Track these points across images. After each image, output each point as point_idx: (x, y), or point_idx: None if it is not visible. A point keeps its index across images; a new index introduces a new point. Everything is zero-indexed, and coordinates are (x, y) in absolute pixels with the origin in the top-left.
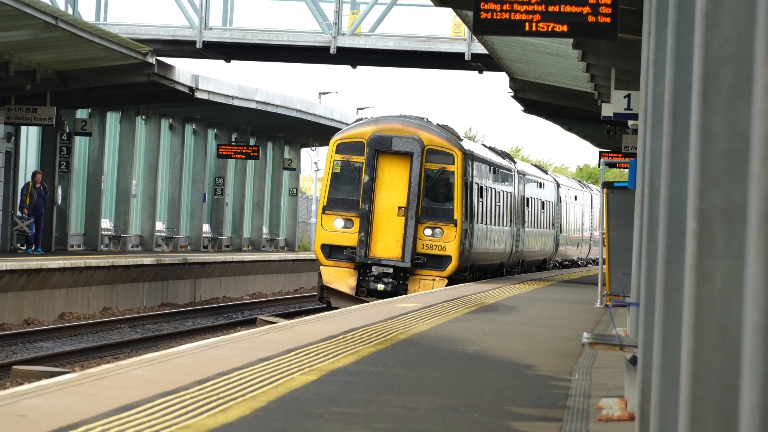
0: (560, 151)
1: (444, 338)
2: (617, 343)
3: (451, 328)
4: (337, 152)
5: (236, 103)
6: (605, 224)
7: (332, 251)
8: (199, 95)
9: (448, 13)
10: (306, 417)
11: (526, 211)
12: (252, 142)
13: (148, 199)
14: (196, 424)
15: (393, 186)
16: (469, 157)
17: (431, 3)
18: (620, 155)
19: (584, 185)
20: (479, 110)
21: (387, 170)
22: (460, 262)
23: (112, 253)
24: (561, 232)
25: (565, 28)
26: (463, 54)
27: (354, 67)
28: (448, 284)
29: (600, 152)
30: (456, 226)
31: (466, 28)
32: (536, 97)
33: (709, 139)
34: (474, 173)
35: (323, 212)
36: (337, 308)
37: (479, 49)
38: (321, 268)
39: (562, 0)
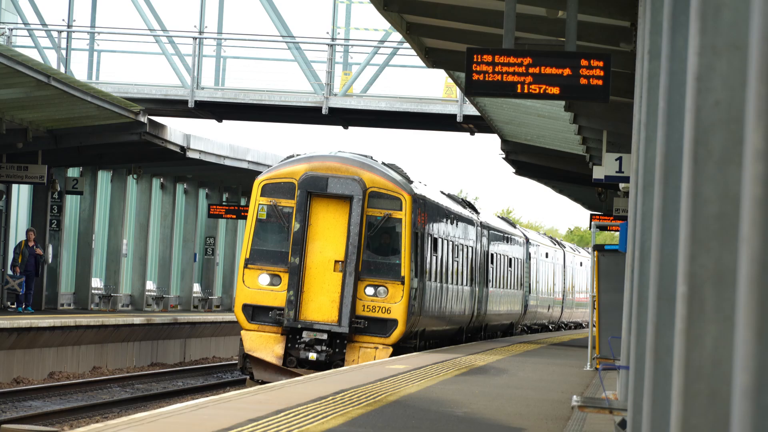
0: (551, 214)
1: (433, 400)
2: (607, 406)
3: (441, 390)
4: (262, 194)
5: (228, 162)
6: (596, 287)
7: (256, 313)
8: (190, 155)
9: (440, 74)
10: None
11: (490, 269)
12: (243, 202)
13: (138, 259)
14: None
15: (329, 235)
16: (420, 202)
17: (423, 64)
18: (611, 218)
19: (556, 242)
20: (471, 172)
21: (322, 217)
22: (408, 327)
23: (102, 313)
24: (530, 292)
25: (556, 90)
26: (455, 115)
27: (346, 127)
28: (393, 353)
29: (591, 215)
30: (403, 284)
31: (458, 89)
32: (528, 159)
33: (700, 203)
34: (426, 222)
35: (245, 266)
36: (261, 381)
37: (471, 110)
38: (242, 333)
39: (554, 62)
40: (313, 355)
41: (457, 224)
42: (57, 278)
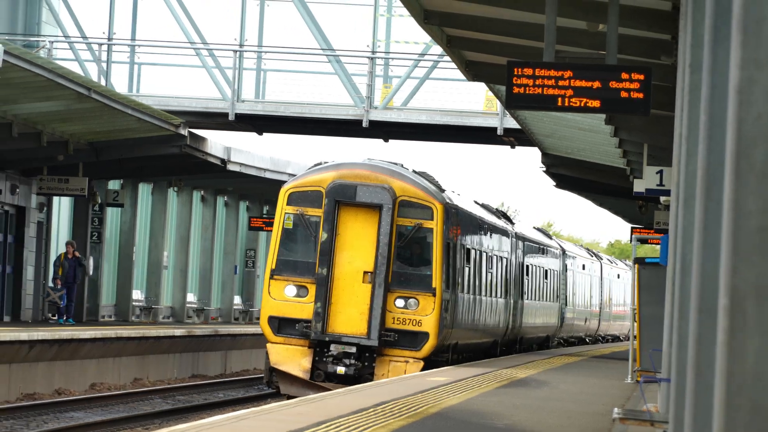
0: (592, 227)
1: (474, 412)
2: (648, 418)
3: (482, 402)
4: (288, 203)
5: (268, 175)
6: (636, 300)
7: (282, 325)
8: (231, 167)
9: (481, 87)
10: None
11: (525, 280)
12: None
13: (179, 271)
14: None
15: (357, 246)
16: (452, 212)
17: (464, 78)
18: (652, 231)
19: (593, 254)
20: (512, 185)
21: (350, 226)
22: (440, 340)
23: (143, 324)
24: (567, 304)
25: (597, 103)
26: (495, 129)
27: (386, 140)
28: (424, 367)
29: (632, 228)
30: (435, 295)
31: (498, 102)
32: (568, 173)
33: (742, 216)
34: (459, 232)
35: (271, 277)
36: (288, 395)
37: (512, 123)
38: (268, 346)
39: (595, 75)
40: (341, 369)
41: (491, 235)
42: (98, 290)
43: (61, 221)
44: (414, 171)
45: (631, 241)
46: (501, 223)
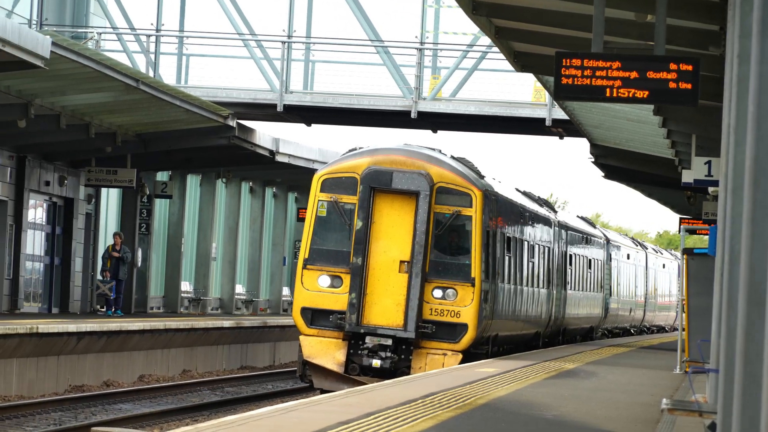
0: (640, 217)
1: (523, 403)
2: (696, 409)
3: (531, 393)
4: (322, 190)
5: (316, 167)
6: (684, 290)
7: (315, 316)
8: (279, 159)
9: (529, 78)
10: None
11: (568, 270)
12: None
13: (228, 262)
14: None
15: (393, 234)
16: (491, 199)
17: (512, 68)
18: (700, 222)
19: (638, 243)
20: (560, 176)
21: (386, 214)
22: (479, 332)
23: (191, 316)
24: (611, 295)
25: (646, 94)
26: (543, 119)
27: (435, 131)
28: (463, 360)
29: (680, 218)
30: (474, 285)
31: (546, 93)
32: (617, 163)
33: None
34: (499, 220)
35: (304, 267)
36: (321, 390)
37: (560, 114)
38: (301, 338)
39: (644, 66)
40: (377, 362)
41: (532, 223)
42: (146, 282)
43: (109, 213)
44: (452, 157)
45: (679, 231)
46: (543, 211)
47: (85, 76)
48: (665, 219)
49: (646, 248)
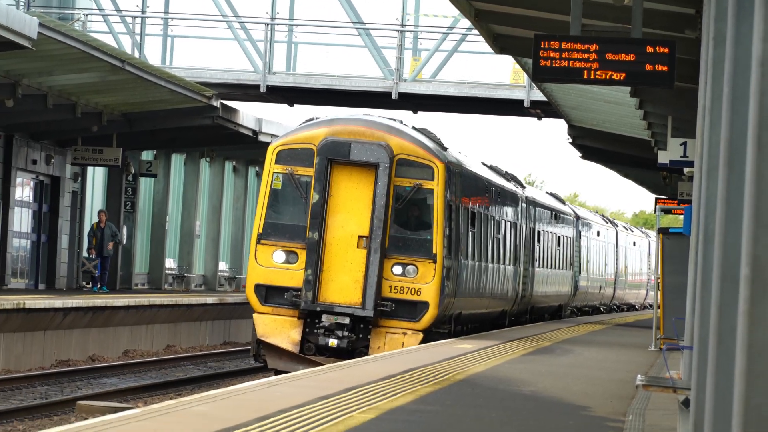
0: (617, 198)
1: (500, 379)
2: (671, 385)
3: (508, 369)
4: (277, 162)
5: None
6: (660, 269)
7: (269, 294)
8: (262, 138)
9: (508, 60)
10: None
11: (536, 247)
12: None
13: (211, 240)
14: None
15: (351, 208)
16: (455, 172)
17: (491, 51)
18: (676, 202)
19: (608, 220)
20: (538, 156)
21: (344, 187)
22: (441, 310)
23: (175, 292)
24: (580, 272)
25: (622, 76)
26: (522, 101)
27: (415, 112)
28: (424, 340)
29: (656, 198)
30: (435, 262)
31: (525, 75)
32: (594, 144)
33: (764, 187)
34: (463, 194)
35: (258, 242)
36: (275, 370)
37: (538, 96)
38: (254, 316)
39: (620, 49)
40: (333, 342)
41: (498, 198)
42: (131, 259)
43: (95, 191)
44: (414, 128)
45: (655, 211)
46: (510, 186)
47: (72, 57)
48: (641, 199)
49: (617, 226)
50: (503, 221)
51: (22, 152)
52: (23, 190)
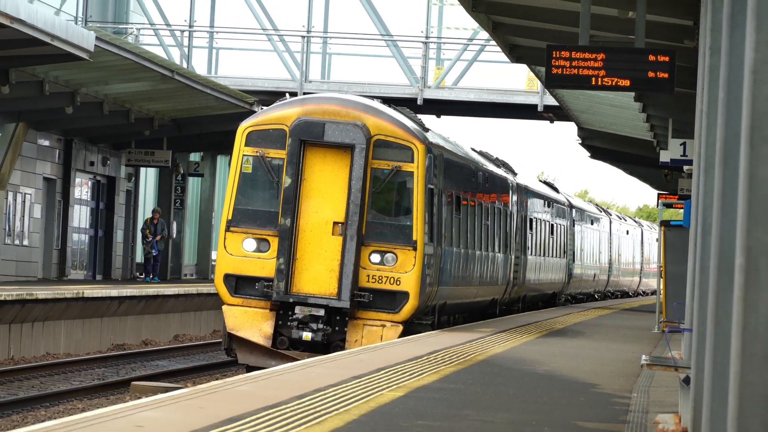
0: (623, 193)
1: (517, 359)
2: (672, 364)
3: (524, 350)
4: (247, 144)
5: None
6: (662, 258)
7: (240, 284)
8: None
9: (523, 68)
10: (393, 429)
11: (528, 235)
12: None
13: None
14: None
15: (326, 192)
16: (436, 154)
17: (508, 60)
18: (676, 197)
19: (602, 209)
20: (551, 156)
21: (318, 170)
22: (423, 301)
23: None
24: (574, 260)
25: (627, 82)
26: (536, 105)
27: (438, 116)
28: (404, 332)
29: (658, 194)
30: (416, 249)
31: (539, 82)
32: (602, 144)
33: (756, 183)
34: (446, 178)
35: (227, 229)
36: (247, 367)
37: (551, 101)
38: (224, 308)
39: (625, 57)
40: (307, 335)
41: (486, 183)
42: (181, 251)
43: (147, 190)
44: (393, 107)
45: (657, 205)
46: (500, 172)
47: (126, 68)
48: (645, 194)
49: (610, 214)
50: (492, 207)
51: (80, 155)
52: (82, 189)
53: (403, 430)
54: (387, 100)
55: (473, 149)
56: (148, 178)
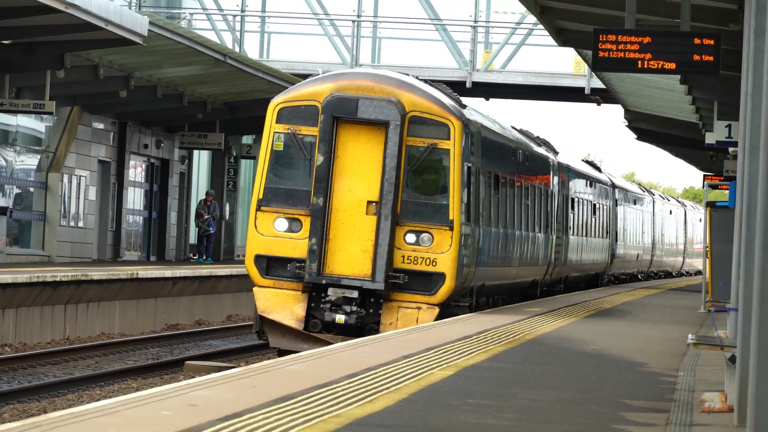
0: (669, 175)
1: (565, 339)
2: (718, 343)
3: (572, 329)
4: (278, 121)
5: None
6: (708, 239)
7: (271, 265)
8: None
9: (570, 52)
10: (443, 408)
11: (570, 215)
12: None
13: None
14: (346, 413)
15: (360, 170)
16: (474, 131)
17: (555, 43)
18: (722, 178)
19: (645, 189)
20: (598, 139)
21: (351, 147)
22: (459, 282)
23: None
24: (617, 240)
25: (673, 65)
26: (583, 88)
27: (487, 99)
28: (440, 315)
29: (704, 175)
30: (452, 229)
31: (585, 65)
32: (648, 127)
33: None
34: (484, 155)
35: (258, 208)
36: (279, 350)
37: (597, 84)
38: (255, 290)
39: (671, 41)
40: (341, 318)
41: (526, 162)
42: (233, 233)
43: (200, 172)
44: (428, 82)
45: (703, 187)
46: (541, 150)
47: (179, 52)
48: (690, 176)
49: (654, 195)
50: (533, 186)
51: (134, 138)
52: (136, 171)
53: (453, 408)
54: (436, 83)
55: (513, 127)
56: (201, 160)
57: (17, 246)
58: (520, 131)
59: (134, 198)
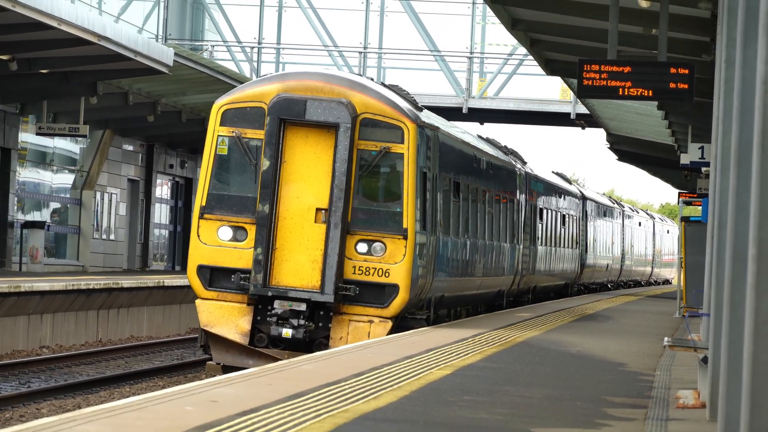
0: (647, 192)
1: (552, 341)
2: (692, 345)
3: (558, 333)
4: (222, 124)
5: None
6: (683, 250)
7: (214, 277)
8: None
9: (557, 80)
10: (442, 403)
11: (539, 225)
12: None
13: None
14: (353, 408)
15: (308, 176)
16: (430, 134)
17: (544, 73)
18: (695, 195)
19: (615, 202)
20: (581, 159)
21: (299, 151)
22: (414, 294)
23: None
24: (587, 251)
25: (651, 92)
26: (569, 114)
27: (482, 123)
28: (393, 329)
29: (679, 193)
30: (406, 238)
31: (571, 92)
32: (628, 148)
33: (767, 183)
34: (442, 161)
35: (201, 216)
36: (223, 367)
37: (582, 109)
38: (197, 302)
39: (649, 70)
40: (288, 332)
41: (491, 171)
42: None
43: None
44: (382, 83)
45: (678, 203)
46: (507, 159)
47: (201, 80)
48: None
49: (623, 207)
50: (497, 195)
51: (161, 158)
52: (162, 189)
53: (451, 404)
54: (434, 108)
55: (479, 136)
56: None
57: (54, 257)
58: (486, 139)
59: (160, 213)
